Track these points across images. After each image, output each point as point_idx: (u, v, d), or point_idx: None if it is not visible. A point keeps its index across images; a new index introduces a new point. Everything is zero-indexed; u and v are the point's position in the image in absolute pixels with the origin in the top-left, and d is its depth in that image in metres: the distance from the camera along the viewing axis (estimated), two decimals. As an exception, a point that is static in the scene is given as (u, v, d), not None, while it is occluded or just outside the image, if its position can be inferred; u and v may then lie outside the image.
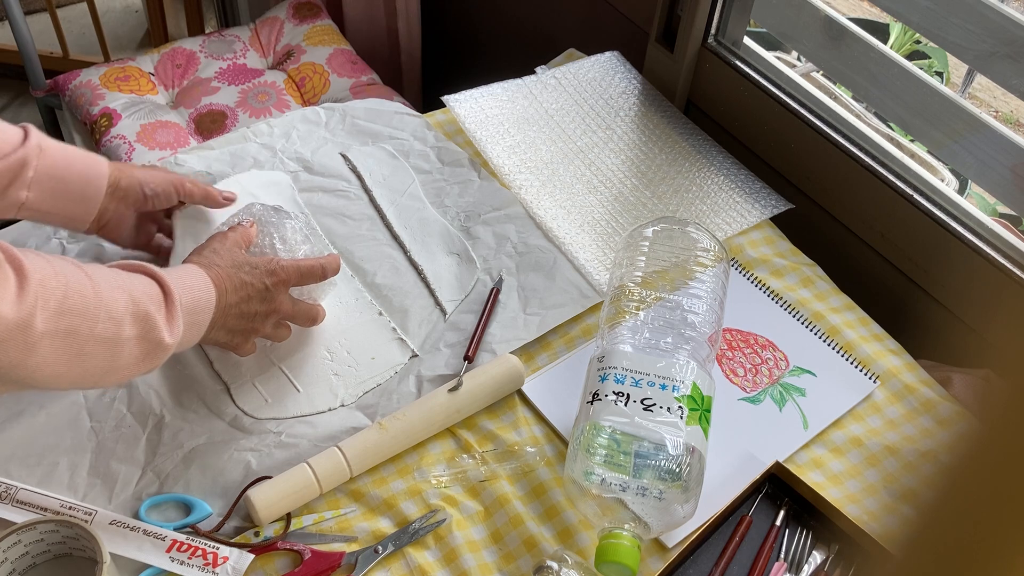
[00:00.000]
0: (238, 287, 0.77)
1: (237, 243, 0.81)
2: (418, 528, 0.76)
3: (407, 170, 1.05)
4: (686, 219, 0.95)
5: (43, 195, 0.77)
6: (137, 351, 0.68)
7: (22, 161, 0.75)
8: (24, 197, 0.76)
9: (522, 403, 0.86)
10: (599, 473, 0.72)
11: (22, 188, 0.75)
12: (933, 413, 0.88)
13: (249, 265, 0.79)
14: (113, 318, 0.65)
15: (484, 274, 0.95)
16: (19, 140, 0.76)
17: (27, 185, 0.75)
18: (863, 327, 0.94)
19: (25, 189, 0.75)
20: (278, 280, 0.80)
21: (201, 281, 0.74)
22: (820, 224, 1.08)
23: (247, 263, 0.79)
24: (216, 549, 0.72)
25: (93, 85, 1.54)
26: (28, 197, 0.76)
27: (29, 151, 0.75)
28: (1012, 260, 0.91)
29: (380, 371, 0.87)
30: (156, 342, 0.68)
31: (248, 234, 0.83)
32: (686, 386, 0.76)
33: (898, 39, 2.02)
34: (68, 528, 0.69)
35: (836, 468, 0.83)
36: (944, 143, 1.00)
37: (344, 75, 1.60)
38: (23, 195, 0.76)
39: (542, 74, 1.18)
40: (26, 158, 0.75)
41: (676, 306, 0.82)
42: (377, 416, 0.83)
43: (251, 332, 0.80)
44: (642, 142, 1.11)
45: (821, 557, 0.76)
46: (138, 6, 2.41)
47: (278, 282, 0.80)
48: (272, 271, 0.80)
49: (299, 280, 0.82)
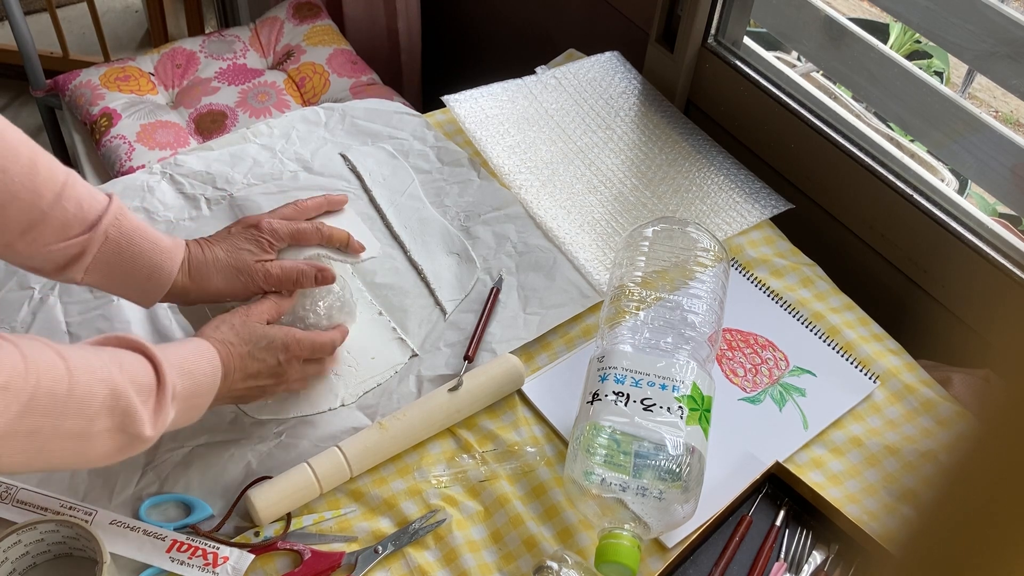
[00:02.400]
0: (247, 367, 0.74)
1: (264, 315, 0.77)
2: (418, 528, 0.76)
3: (407, 170, 1.05)
4: (686, 219, 0.95)
5: (100, 279, 0.74)
6: (111, 444, 0.64)
7: (82, 247, 0.71)
8: (80, 279, 0.73)
9: (522, 403, 0.86)
10: (599, 473, 0.72)
11: (78, 272, 0.73)
12: (933, 413, 0.88)
13: (266, 340, 0.76)
14: (85, 414, 0.61)
15: (484, 274, 0.95)
16: (92, 220, 0.72)
17: (83, 270, 0.73)
18: (863, 327, 0.94)
19: (81, 273, 0.73)
20: (291, 356, 0.77)
21: (207, 364, 0.71)
22: (820, 224, 1.08)
23: (264, 338, 0.76)
24: (216, 549, 0.72)
25: (93, 85, 1.54)
26: (84, 279, 0.73)
27: (94, 238, 0.72)
28: (1012, 260, 0.91)
29: (380, 371, 0.87)
30: (135, 435, 0.64)
31: (283, 307, 0.79)
32: (686, 386, 0.76)
33: (898, 39, 2.02)
34: (68, 528, 0.69)
35: (836, 468, 0.83)
36: (944, 143, 1.00)
37: (344, 75, 1.60)
38: (79, 277, 0.73)
39: (542, 74, 1.18)
40: (87, 246, 0.72)
41: (676, 306, 0.82)
42: (377, 416, 0.83)
43: (256, 398, 0.79)
44: (642, 142, 1.11)
45: (821, 557, 0.76)
46: (138, 6, 2.41)
47: (291, 358, 0.77)
48: (287, 347, 0.77)
49: (311, 354, 0.79)
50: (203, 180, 1.00)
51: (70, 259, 0.72)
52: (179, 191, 1.00)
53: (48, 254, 0.71)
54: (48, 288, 0.89)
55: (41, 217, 0.69)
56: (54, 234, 0.70)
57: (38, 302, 0.88)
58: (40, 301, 0.88)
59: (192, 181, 1.00)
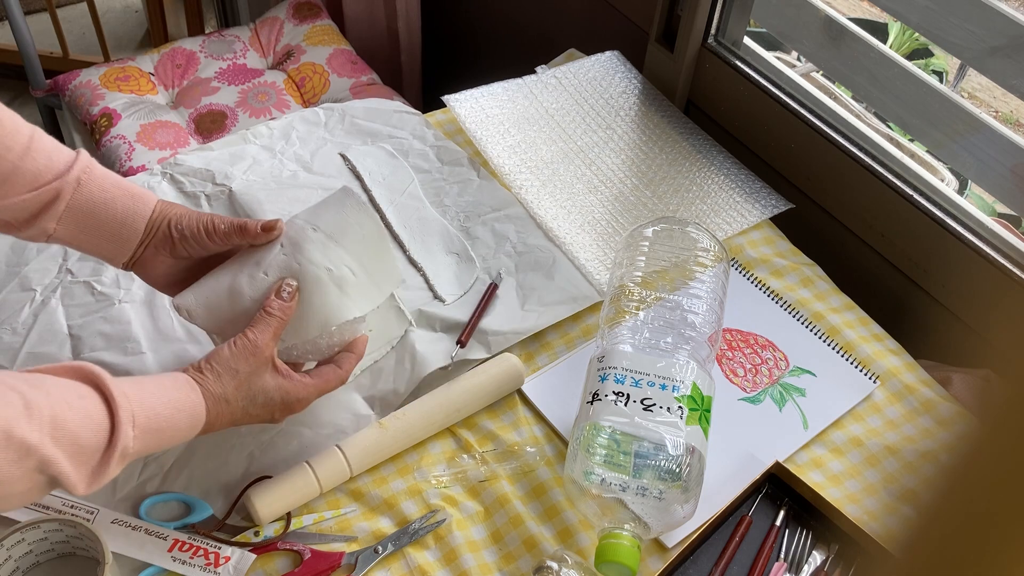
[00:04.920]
0: (237, 420, 0.71)
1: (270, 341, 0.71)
2: (418, 528, 0.76)
3: (406, 169, 1.05)
4: (686, 219, 0.95)
5: (73, 229, 0.72)
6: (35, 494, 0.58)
7: (55, 193, 0.70)
8: (52, 229, 0.72)
9: (522, 403, 0.86)
10: (599, 473, 0.72)
11: (51, 220, 0.71)
12: (933, 413, 0.88)
13: (264, 397, 0.71)
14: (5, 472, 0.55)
15: (483, 273, 0.95)
16: (62, 169, 0.71)
17: (56, 218, 0.71)
18: (863, 327, 0.94)
19: (54, 222, 0.71)
20: (290, 413, 0.74)
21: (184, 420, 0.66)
22: (820, 224, 1.08)
23: (263, 394, 0.70)
24: (218, 549, 0.72)
25: (93, 85, 1.54)
26: (56, 229, 0.72)
27: (66, 184, 0.71)
28: (1012, 260, 0.91)
29: (378, 346, 0.85)
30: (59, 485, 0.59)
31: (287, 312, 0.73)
32: (686, 386, 0.76)
33: (898, 39, 2.02)
34: (72, 528, 0.69)
35: (836, 468, 0.83)
36: (944, 143, 1.00)
37: (344, 75, 1.60)
38: (51, 227, 0.72)
39: (542, 74, 1.18)
40: (60, 191, 0.71)
41: (676, 306, 0.82)
42: (376, 400, 0.83)
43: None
44: (642, 142, 1.11)
45: (821, 557, 0.76)
46: (138, 6, 2.41)
47: (288, 413, 0.74)
48: (289, 407, 0.73)
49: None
50: (203, 177, 1.00)
51: (43, 206, 0.71)
52: (180, 190, 1.00)
53: (21, 203, 0.70)
54: (50, 291, 0.89)
55: (12, 169, 0.69)
56: (25, 184, 0.70)
57: (39, 304, 0.88)
58: (42, 303, 0.88)
59: (192, 180, 1.00)
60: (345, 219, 0.78)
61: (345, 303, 0.76)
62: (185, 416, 0.66)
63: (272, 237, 0.75)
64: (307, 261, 0.75)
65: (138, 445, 0.62)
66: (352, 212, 0.78)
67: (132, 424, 0.61)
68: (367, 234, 0.79)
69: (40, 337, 0.85)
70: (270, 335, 0.71)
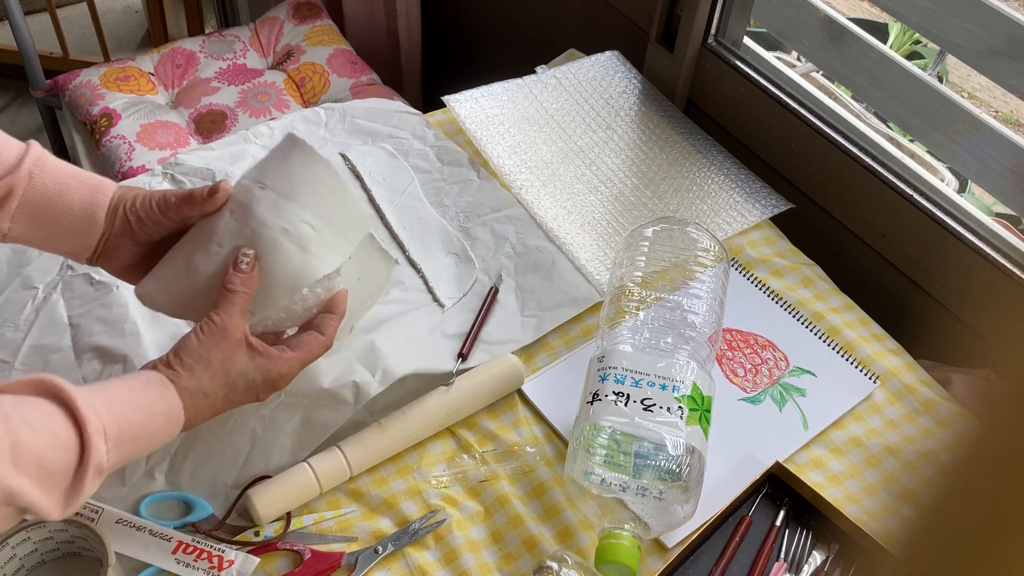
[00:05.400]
0: (218, 409, 0.68)
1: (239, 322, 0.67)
2: (418, 528, 0.76)
3: (406, 170, 1.05)
4: (686, 219, 0.95)
5: (29, 227, 0.68)
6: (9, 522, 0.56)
7: (7, 189, 0.66)
8: (6, 228, 0.67)
9: (522, 403, 0.86)
10: (599, 473, 0.72)
11: (3, 219, 0.67)
12: (933, 413, 0.88)
13: (245, 381, 0.67)
14: None
15: (483, 274, 0.95)
16: (12, 163, 0.67)
17: (10, 216, 0.67)
18: (863, 327, 0.94)
19: (7, 220, 0.67)
20: (275, 390, 0.71)
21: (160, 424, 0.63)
22: (820, 224, 1.08)
23: (243, 377, 0.67)
24: (221, 552, 0.72)
25: (93, 85, 1.54)
26: (11, 228, 0.67)
27: (17, 179, 0.66)
28: (1012, 260, 0.91)
29: (368, 294, 0.79)
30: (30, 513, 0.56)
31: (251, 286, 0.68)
32: (686, 386, 0.76)
33: (898, 39, 2.02)
34: (77, 528, 0.69)
35: (836, 468, 0.83)
36: (944, 143, 1.00)
37: (344, 75, 1.60)
38: (5, 226, 0.67)
39: (542, 74, 1.18)
40: (12, 187, 0.66)
41: (676, 306, 0.82)
42: (377, 368, 0.81)
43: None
44: (642, 142, 1.11)
45: (821, 557, 0.76)
46: (138, 6, 2.41)
47: (273, 391, 0.71)
48: (272, 384, 0.69)
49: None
50: (203, 177, 1.00)
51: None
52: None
53: None
54: (51, 287, 0.89)
55: None
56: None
57: (41, 301, 0.88)
58: (43, 300, 0.88)
59: (192, 179, 1.00)
60: (292, 170, 0.70)
61: (310, 262, 0.70)
62: (160, 419, 0.63)
63: (218, 203, 0.70)
64: (260, 224, 0.69)
65: (113, 458, 0.59)
66: (299, 161, 0.71)
67: (104, 438, 0.58)
68: (320, 182, 0.71)
69: (41, 330, 0.85)
70: (236, 314, 0.66)
